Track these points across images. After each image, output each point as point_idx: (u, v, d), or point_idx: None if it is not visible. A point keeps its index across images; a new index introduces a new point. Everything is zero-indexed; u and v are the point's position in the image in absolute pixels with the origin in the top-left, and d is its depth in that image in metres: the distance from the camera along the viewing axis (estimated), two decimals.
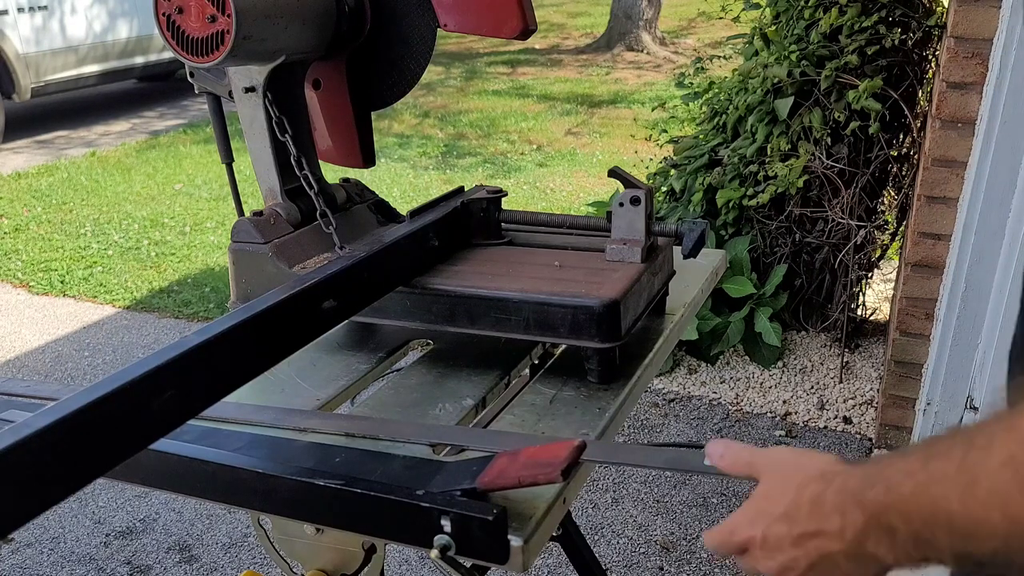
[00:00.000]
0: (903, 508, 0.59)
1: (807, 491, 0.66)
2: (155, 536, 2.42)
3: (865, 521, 0.62)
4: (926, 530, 0.58)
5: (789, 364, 3.12)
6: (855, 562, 0.63)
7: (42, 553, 2.37)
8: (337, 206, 1.22)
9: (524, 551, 0.71)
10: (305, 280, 0.89)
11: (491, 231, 1.18)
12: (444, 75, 8.75)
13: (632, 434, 2.79)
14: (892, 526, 0.60)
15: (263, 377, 0.85)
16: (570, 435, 0.89)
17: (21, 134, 7.15)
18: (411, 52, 1.22)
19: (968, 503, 0.55)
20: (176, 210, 5.17)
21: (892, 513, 0.60)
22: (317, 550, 0.92)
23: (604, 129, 6.56)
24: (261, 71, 1.12)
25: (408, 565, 2.25)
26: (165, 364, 0.70)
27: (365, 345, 1.14)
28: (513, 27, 1.12)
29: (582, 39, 10.25)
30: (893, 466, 0.62)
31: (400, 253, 1.03)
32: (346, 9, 1.18)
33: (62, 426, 0.61)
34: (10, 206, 5.35)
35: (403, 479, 0.77)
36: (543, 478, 0.72)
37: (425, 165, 5.93)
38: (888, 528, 0.60)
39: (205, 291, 4.04)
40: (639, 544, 2.33)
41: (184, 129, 7.24)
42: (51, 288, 4.17)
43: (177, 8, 1.04)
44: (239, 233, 1.11)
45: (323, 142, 1.29)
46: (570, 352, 1.07)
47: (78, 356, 3.50)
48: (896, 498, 0.60)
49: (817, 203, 3.03)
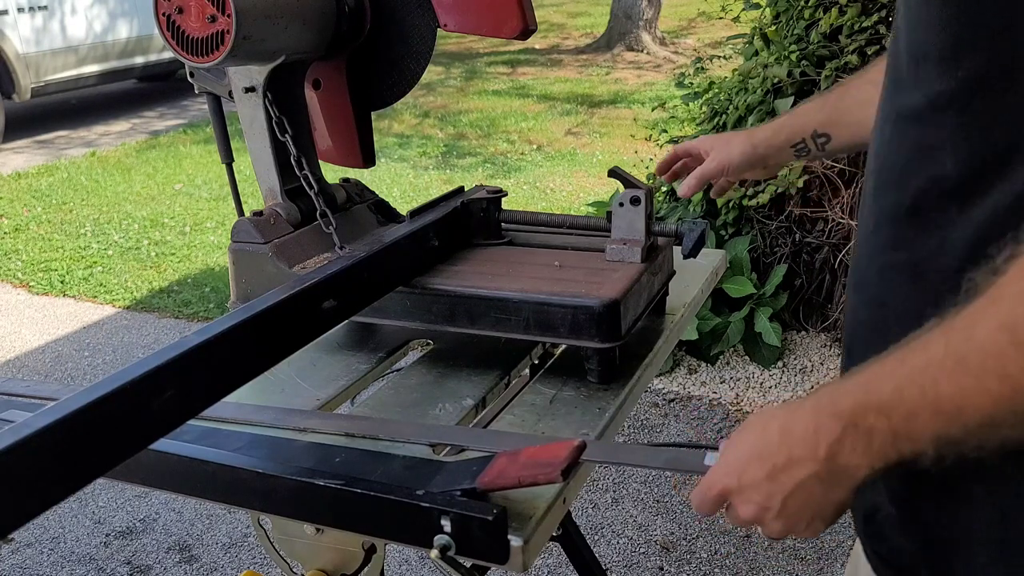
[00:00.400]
0: (884, 406, 0.62)
1: (773, 424, 0.68)
2: (155, 536, 2.42)
3: (842, 429, 0.63)
4: (908, 423, 0.61)
5: (789, 364, 3.12)
6: (828, 482, 0.65)
7: (42, 553, 2.37)
8: (337, 206, 1.22)
9: (524, 551, 0.71)
10: (305, 280, 0.89)
11: (491, 231, 1.18)
12: (444, 75, 8.75)
13: (632, 434, 2.79)
14: (871, 427, 0.62)
15: (263, 377, 0.85)
16: (570, 435, 0.89)
17: (21, 134, 7.16)
18: (411, 52, 1.22)
19: (959, 380, 0.58)
20: (176, 210, 5.17)
21: (871, 413, 0.62)
22: (317, 550, 0.92)
23: (604, 129, 6.56)
24: (261, 71, 1.12)
25: (408, 565, 2.25)
26: (165, 364, 0.70)
27: (365, 345, 1.14)
28: (513, 27, 1.12)
29: (582, 39, 10.25)
30: (863, 376, 0.64)
31: (400, 253, 1.03)
32: (346, 9, 1.18)
33: (62, 426, 0.61)
34: (10, 206, 5.35)
35: (403, 479, 0.77)
36: (543, 478, 0.72)
37: (425, 165, 5.93)
38: (867, 431, 0.62)
39: (205, 291, 4.04)
40: (639, 544, 2.33)
41: (184, 129, 7.24)
42: (51, 288, 4.17)
43: (177, 8, 1.04)
44: (239, 233, 1.11)
45: (323, 142, 1.29)
46: (570, 352, 1.07)
47: (78, 356, 3.50)
48: (877, 398, 0.62)
49: (817, 203, 3.04)
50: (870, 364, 0.64)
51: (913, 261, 0.72)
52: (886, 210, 0.74)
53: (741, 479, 0.68)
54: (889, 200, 0.73)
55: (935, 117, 0.68)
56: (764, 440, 0.68)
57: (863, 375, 0.64)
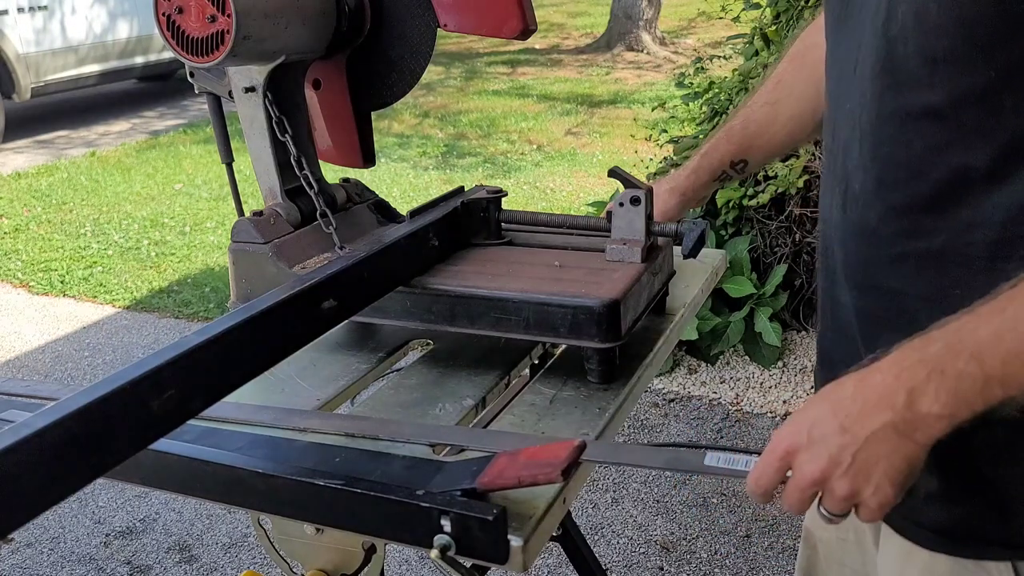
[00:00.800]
0: (980, 350, 0.61)
1: (848, 380, 0.66)
2: (155, 536, 2.42)
3: (927, 374, 0.62)
4: (1005, 366, 0.61)
5: (789, 364, 3.12)
6: (905, 434, 0.63)
7: (42, 553, 2.37)
8: (337, 206, 1.22)
9: (524, 551, 0.71)
10: (305, 280, 0.89)
11: (491, 231, 1.18)
12: (444, 75, 8.75)
13: (632, 434, 2.79)
14: (960, 372, 0.62)
15: (263, 377, 0.85)
16: (570, 435, 0.89)
17: (21, 134, 7.16)
18: (411, 52, 1.22)
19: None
20: (176, 210, 5.17)
21: (963, 357, 0.62)
22: (317, 550, 0.92)
23: (604, 129, 6.56)
24: (261, 71, 1.12)
25: (408, 565, 2.25)
26: (165, 364, 0.70)
27: (365, 345, 1.14)
28: (513, 27, 1.12)
29: (582, 39, 10.25)
30: (950, 326, 0.64)
31: (400, 253, 1.03)
32: (346, 9, 1.18)
33: (62, 426, 0.61)
34: (10, 206, 5.35)
35: (403, 479, 0.77)
36: (543, 478, 0.72)
37: (425, 165, 5.93)
38: (956, 375, 0.62)
39: (205, 291, 4.04)
40: (639, 544, 2.33)
41: (184, 129, 7.24)
42: (51, 288, 4.17)
43: (177, 8, 1.04)
44: (239, 233, 1.11)
45: (323, 142, 1.29)
46: (570, 352, 1.07)
47: (78, 356, 3.50)
48: (973, 342, 0.62)
49: (817, 203, 3.03)
50: (951, 319, 0.64)
51: (936, 248, 0.73)
52: (897, 204, 0.75)
53: (811, 432, 0.66)
54: (901, 194, 0.75)
55: (956, 113, 0.69)
56: (838, 394, 0.66)
57: (950, 326, 0.64)
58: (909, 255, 0.75)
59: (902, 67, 0.72)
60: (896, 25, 0.72)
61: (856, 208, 0.80)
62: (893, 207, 0.76)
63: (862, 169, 0.78)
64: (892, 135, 0.75)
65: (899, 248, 0.76)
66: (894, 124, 0.74)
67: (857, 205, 0.80)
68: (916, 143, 0.73)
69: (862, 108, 0.78)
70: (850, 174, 0.81)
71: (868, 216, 0.78)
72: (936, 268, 0.74)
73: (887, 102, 0.75)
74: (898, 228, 0.76)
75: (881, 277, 0.78)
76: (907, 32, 0.71)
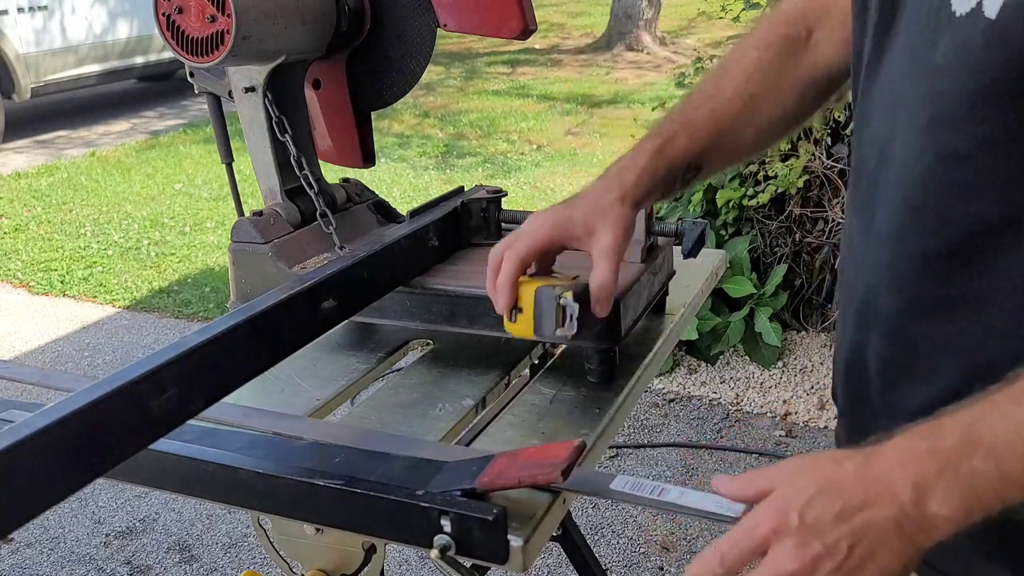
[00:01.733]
0: (997, 447, 0.55)
1: (847, 463, 0.59)
2: (155, 536, 2.42)
3: (938, 470, 0.56)
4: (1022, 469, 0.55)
5: (789, 364, 3.12)
6: (906, 533, 0.56)
7: (42, 553, 2.37)
8: (337, 206, 1.22)
9: (524, 551, 0.71)
10: (305, 280, 0.89)
11: (491, 231, 1.18)
12: (444, 75, 8.75)
13: (632, 434, 2.79)
14: (975, 470, 0.55)
15: (263, 377, 0.85)
16: (570, 435, 0.89)
17: (21, 134, 7.15)
18: (411, 52, 1.22)
19: None
20: (176, 210, 5.17)
21: (979, 455, 0.55)
22: (317, 550, 0.92)
23: (604, 129, 6.55)
24: (261, 71, 1.12)
25: (408, 565, 2.25)
26: (165, 364, 0.70)
27: (365, 345, 1.14)
28: (513, 27, 1.12)
29: (582, 39, 10.25)
30: (962, 415, 0.58)
31: (400, 253, 1.03)
32: (346, 9, 1.18)
33: (62, 426, 0.61)
34: (10, 206, 5.35)
35: (403, 479, 0.77)
36: (543, 478, 0.72)
37: (425, 165, 5.93)
38: (969, 473, 0.55)
39: (205, 291, 4.04)
40: (639, 544, 2.33)
41: (184, 129, 7.24)
42: (51, 288, 4.16)
43: (177, 8, 1.04)
44: (239, 233, 1.11)
45: (323, 142, 1.29)
46: (570, 352, 1.07)
47: (78, 356, 3.50)
48: (989, 437, 0.56)
49: (817, 203, 3.04)
50: (965, 405, 0.58)
51: (962, 298, 0.67)
52: (925, 249, 0.69)
53: (804, 516, 0.57)
54: (929, 240, 0.68)
55: (982, 157, 0.64)
56: (836, 477, 0.59)
57: (962, 415, 0.58)
58: (933, 303, 0.69)
59: (941, 103, 0.66)
60: (939, 55, 0.65)
61: (880, 247, 0.73)
62: (920, 252, 0.69)
63: (889, 207, 0.72)
64: (923, 175, 0.68)
65: (922, 294, 0.70)
66: (927, 163, 0.68)
67: (880, 243, 0.73)
68: (949, 187, 0.66)
69: (895, 140, 0.70)
70: (875, 209, 0.74)
71: (892, 257, 0.72)
72: (963, 319, 0.68)
73: (923, 139, 0.68)
74: (924, 274, 0.69)
75: (903, 322, 0.72)
76: (949, 65, 0.65)
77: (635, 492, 0.73)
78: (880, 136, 0.73)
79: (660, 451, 2.69)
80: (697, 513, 0.70)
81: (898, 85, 0.70)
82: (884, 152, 0.72)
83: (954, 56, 0.64)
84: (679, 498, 0.71)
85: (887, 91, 0.72)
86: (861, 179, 0.77)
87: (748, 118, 0.89)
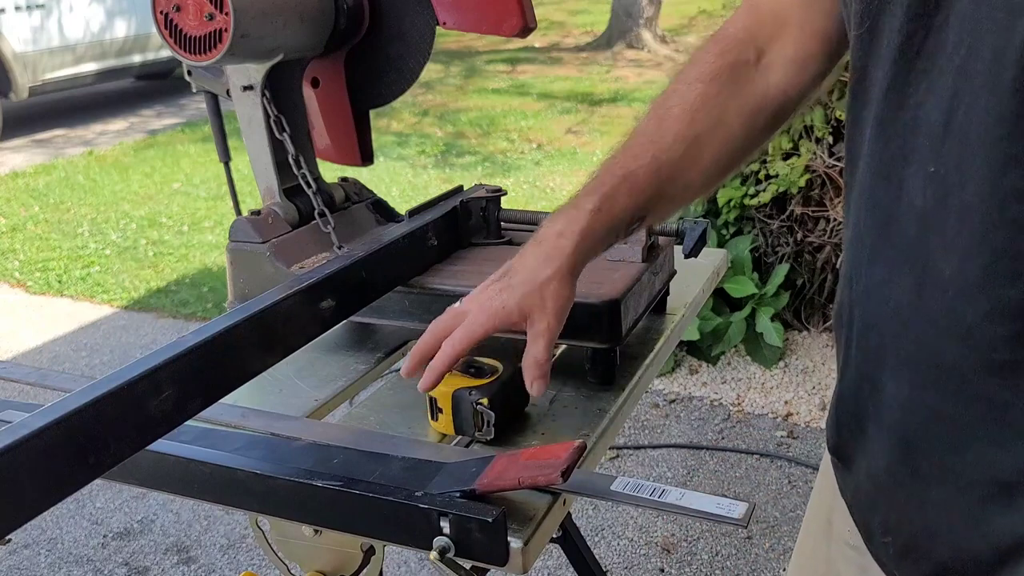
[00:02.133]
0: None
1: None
2: (153, 537, 2.41)
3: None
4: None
5: (791, 364, 3.12)
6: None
7: (39, 554, 2.37)
8: (335, 205, 1.22)
9: (524, 553, 0.71)
10: (303, 280, 0.88)
11: (490, 230, 1.17)
12: (443, 73, 8.75)
13: (632, 435, 2.79)
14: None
15: (261, 378, 0.84)
16: (570, 436, 0.88)
17: (18, 133, 7.15)
18: (410, 50, 1.22)
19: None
20: (174, 209, 5.16)
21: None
22: (315, 552, 0.91)
23: (604, 128, 6.55)
24: (259, 69, 1.11)
25: (407, 567, 2.24)
26: (163, 364, 0.69)
27: (364, 345, 1.14)
28: (513, 25, 1.11)
29: (582, 37, 10.25)
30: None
31: (399, 253, 1.02)
32: (344, 7, 1.17)
33: (59, 427, 0.61)
34: (7, 205, 5.34)
35: (402, 480, 0.76)
36: (543, 479, 0.71)
37: (424, 164, 5.93)
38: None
39: (203, 291, 4.04)
40: (639, 545, 2.33)
41: (182, 128, 7.23)
42: (48, 288, 4.16)
43: (175, 6, 1.03)
44: (237, 232, 1.11)
45: (321, 140, 1.29)
46: (570, 352, 1.07)
47: (76, 356, 3.49)
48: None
49: (819, 202, 3.03)
50: None
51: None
52: (1011, 302, 0.62)
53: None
54: (1019, 291, 0.62)
55: None
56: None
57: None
58: (1019, 364, 0.63)
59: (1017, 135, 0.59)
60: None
61: (942, 297, 0.66)
62: (1005, 305, 0.62)
63: (959, 253, 0.64)
64: (1015, 218, 0.61)
65: (1004, 355, 0.63)
66: (1019, 204, 0.60)
67: (944, 295, 0.65)
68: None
69: (964, 177, 0.62)
70: (935, 254, 0.65)
71: (962, 310, 0.64)
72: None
73: (1013, 177, 0.60)
74: (1008, 331, 0.62)
75: (974, 383, 0.65)
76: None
77: (635, 493, 0.73)
78: (941, 171, 0.64)
79: (661, 452, 2.68)
80: (698, 514, 0.70)
81: (963, 109, 0.62)
82: (951, 190, 0.64)
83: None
84: (680, 499, 0.71)
85: (931, 111, 0.64)
86: (902, 218, 0.68)
87: (692, 162, 0.86)
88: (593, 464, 0.90)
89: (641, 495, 0.72)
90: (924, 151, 0.65)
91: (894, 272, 0.70)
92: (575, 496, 0.80)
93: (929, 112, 0.64)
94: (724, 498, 0.69)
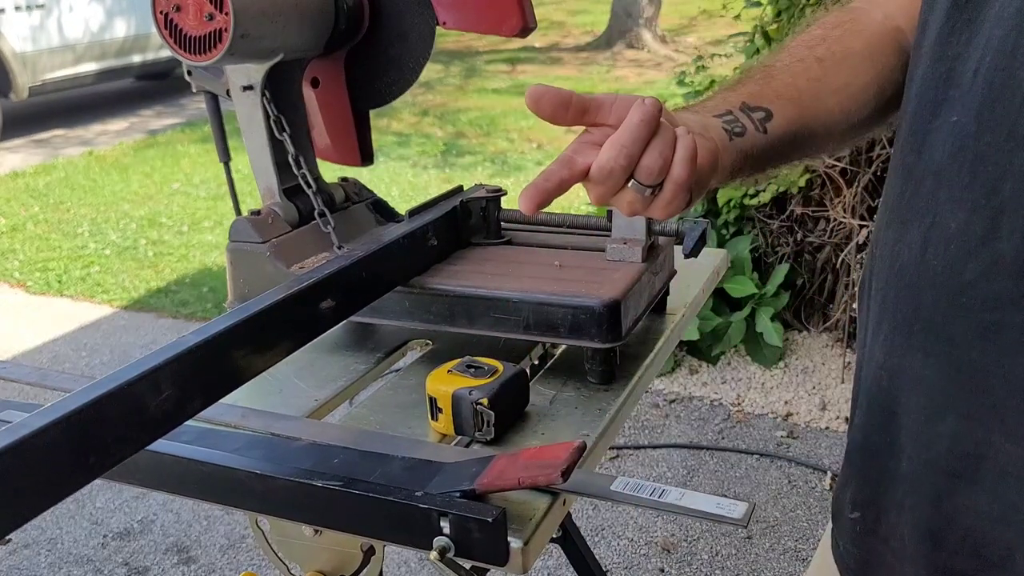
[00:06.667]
0: None
1: None
2: (153, 537, 2.41)
3: None
4: None
5: (791, 364, 3.12)
6: None
7: (39, 554, 2.37)
8: (335, 205, 1.22)
9: (524, 553, 0.71)
10: (303, 280, 0.88)
11: (490, 230, 1.17)
12: (443, 73, 8.74)
13: (632, 435, 2.79)
14: None
15: (261, 378, 0.84)
16: (570, 436, 0.88)
17: (18, 133, 7.15)
18: (410, 50, 1.21)
19: None
20: (174, 209, 5.16)
21: None
22: (315, 552, 0.91)
23: None
24: (259, 69, 1.11)
25: (407, 567, 2.24)
26: (163, 364, 0.69)
27: (364, 345, 1.14)
28: (513, 24, 1.11)
29: (582, 37, 10.25)
30: None
31: (399, 253, 1.02)
32: (344, 7, 1.17)
33: (59, 427, 0.61)
34: (7, 205, 5.34)
35: (402, 480, 0.76)
36: (543, 479, 0.71)
37: (424, 164, 5.92)
38: None
39: (203, 291, 4.04)
40: (640, 546, 2.33)
41: (182, 128, 7.23)
42: (48, 288, 4.16)
43: (175, 6, 1.03)
44: (237, 232, 1.11)
45: (321, 140, 1.29)
46: (570, 352, 1.07)
47: (75, 356, 3.49)
48: None
49: (819, 202, 3.03)
50: None
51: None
52: (1009, 257, 0.59)
53: None
54: (1018, 245, 0.59)
55: None
56: None
57: None
58: (1007, 326, 0.60)
59: None
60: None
61: (943, 253, 0.63)
62: (1003, 260, 0.59)
63: (967, 205, 0.61)
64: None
65: (996, 315, 0.60)
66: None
67: (946, 250, 0.63)
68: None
69: (982, 126, 0.60)
70: (943, 208, 0.63)
71: (961, 266, 0.62)
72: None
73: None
74: (1002, 289, 0.60)
75: (961, 346, 0.63)
76: None
77: (635, 493, 0.73)
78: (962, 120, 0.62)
79: (661, 452, 2.68)
80: (697, 514, 0.70)
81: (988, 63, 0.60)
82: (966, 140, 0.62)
83: None
84: (679, 499, 0.71)
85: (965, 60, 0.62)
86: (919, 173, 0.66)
87: (823, 79, 0.78)
88: (593, 464, 0.90)
89: (641, 495, 0.72)
90: (952, 103, 0.63)
91: (904, 231, 0.68)
92: (575, 496, 0.80)
93: (964, 64, 0.62)
94: (724, 498, 0.69)
